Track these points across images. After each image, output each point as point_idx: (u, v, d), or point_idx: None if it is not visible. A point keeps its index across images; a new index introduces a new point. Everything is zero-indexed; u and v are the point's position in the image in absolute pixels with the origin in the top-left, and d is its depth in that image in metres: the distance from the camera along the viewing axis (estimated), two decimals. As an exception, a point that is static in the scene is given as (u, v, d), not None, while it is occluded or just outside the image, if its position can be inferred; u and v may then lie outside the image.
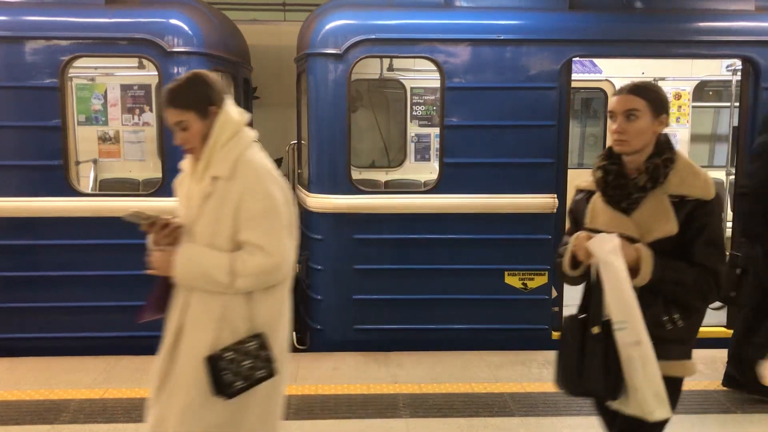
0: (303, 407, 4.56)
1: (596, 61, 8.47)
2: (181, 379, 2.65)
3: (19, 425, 4.28)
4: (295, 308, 6.61)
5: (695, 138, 9.01)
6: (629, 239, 2.48)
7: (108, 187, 7.85)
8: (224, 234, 2.61)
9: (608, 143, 2.67)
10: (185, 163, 2.86)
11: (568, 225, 2.90)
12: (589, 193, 2.73)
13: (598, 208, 2.65)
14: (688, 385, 2.68)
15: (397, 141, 8.61)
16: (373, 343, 5.67)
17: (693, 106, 8.73)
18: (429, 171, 8.30)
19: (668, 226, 2.47)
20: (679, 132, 8.67)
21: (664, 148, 2.58)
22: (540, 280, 5.67)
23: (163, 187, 5.43)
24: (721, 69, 8.27)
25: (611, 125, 2.59)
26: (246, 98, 6.99)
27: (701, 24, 5.63)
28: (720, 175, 8.34)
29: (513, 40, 5.43)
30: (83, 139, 7.88)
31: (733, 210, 5.91)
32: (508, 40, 5.42)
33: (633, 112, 2.52)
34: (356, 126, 8.28)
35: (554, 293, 5.70)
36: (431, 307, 5.66)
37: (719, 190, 3.26)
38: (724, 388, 4.80)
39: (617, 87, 8.45)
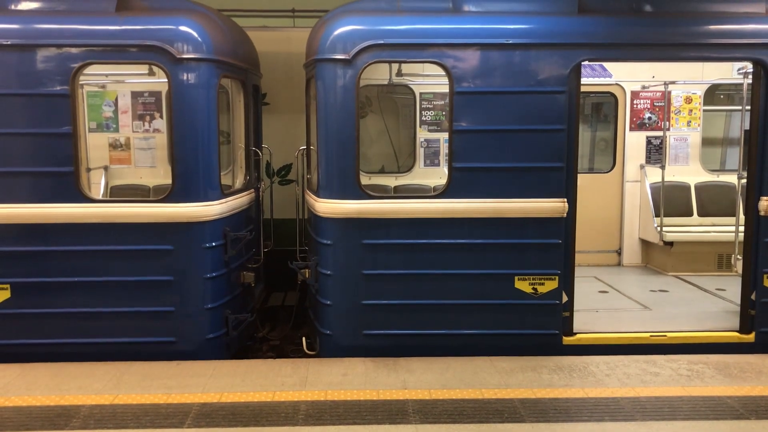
0: (312, 413, 4.55)
1: (606, 65, 8.44)
2: None
3: (30, 431, 4.30)
4: (305, 313, 6.69)
5: (707, 142, 8.95)
6: None
7: (119, 194, 7.91)
8: None
9: (618, 148, 2.64)
10: None
11: None
12: None
13: None
14: (700, 390, 2.66)
15: (407, 146, 8.61)
16: (382, 349, 5.66)
17: (704, 110, 8.67)
18: (438, 176, 8.30)
19: None
20: (691, 136, 8.62)
21: None
22: (550, 285, 5.64)
23: (173, 194, 5.46)
24: (732, 72, 8.23)
25: None
26: (256, 104, 7.02)
27: (712, 27, 5.60)
28: (732, 179, 8.28)
29: (522, 44, 5.42)
30: (94, 146, 7.97)
31: (745, 214, 5.86)
32: (517, 44, 5.41)
33: None
34: (365, 131, 8.32)
35: (565, 298, 5.67)
36: (441, 313, 5.65)
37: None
38: (737, 394, 4.75)
39: (627, 91, 8.48)
